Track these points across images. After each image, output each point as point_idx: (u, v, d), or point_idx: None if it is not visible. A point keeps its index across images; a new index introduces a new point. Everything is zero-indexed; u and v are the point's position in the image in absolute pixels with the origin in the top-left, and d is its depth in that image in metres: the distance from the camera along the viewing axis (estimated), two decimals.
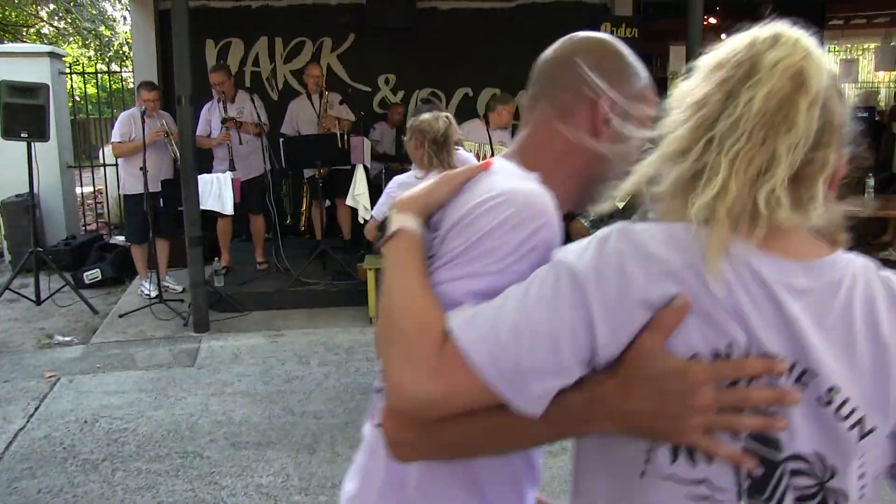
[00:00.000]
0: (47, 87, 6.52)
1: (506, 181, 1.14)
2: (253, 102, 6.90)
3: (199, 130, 6.87)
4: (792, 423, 0.93)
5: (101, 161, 9.71)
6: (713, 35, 11.62)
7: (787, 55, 0.94)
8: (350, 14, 8.56)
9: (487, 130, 6.68)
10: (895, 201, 7.23)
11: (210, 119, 6.86)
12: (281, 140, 6.81)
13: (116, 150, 6.51)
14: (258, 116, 6.73)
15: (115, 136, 6.50)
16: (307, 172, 7.19)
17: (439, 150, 3.61)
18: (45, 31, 19.10)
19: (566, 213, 1.14)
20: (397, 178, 3.89)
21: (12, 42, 15.83)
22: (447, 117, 3.68)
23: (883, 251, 8.07)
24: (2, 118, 6.27)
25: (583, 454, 1.09)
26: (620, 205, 4.20)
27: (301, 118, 7.27)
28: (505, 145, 6.78)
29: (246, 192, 6.77)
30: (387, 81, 8.79)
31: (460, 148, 4.43)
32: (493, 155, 6.58)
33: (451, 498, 1.21)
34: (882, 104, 12.73)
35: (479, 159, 6.63)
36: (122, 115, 6.60)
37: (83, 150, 11.80)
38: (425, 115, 3.69)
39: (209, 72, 7.33)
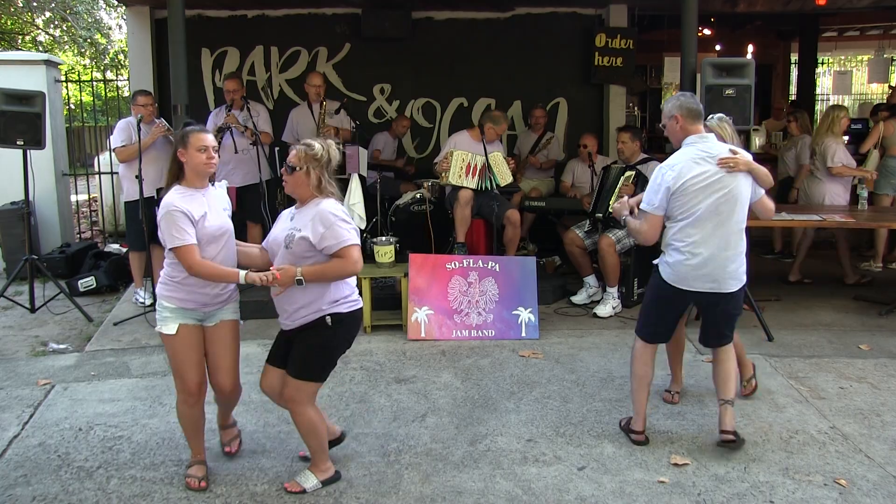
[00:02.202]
0: (43, 94, 6.53)
1: None
2: (258, 114, 6.94)
3: None
4: None
5: (97, 169, 9.72)
6: (707, 46, 11.73)
7: None
8: (345, 24, 8.60)
9: (483, 141, 6.70)
10: (883, 213, 7.27)
11: (217, 123, 6.91)
12: (276, 149, 6.83)
13: (121, 155, 6.51)
14: (254, 125, 6.75)
15: (117, 141, 6.51)
16: None
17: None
18: (40, 38, 19.09)
19: (563, 223, 1.16)
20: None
21: (8, 50, 15.84)
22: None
23: (865, 262, 8.12)
24: None
25: None
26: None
27: (301, 127, 7.30)
28: (499, 154, 6.78)
29: (242, 200, 6.78)
30: (382, 91, 8.82)
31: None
32: (486, 164, 6.61)
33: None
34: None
35: (469, 169, 6.67)
36: (121, 122, 6.62)
37: (78, 158, 11.79)
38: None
39: (224, 78, 7.44)
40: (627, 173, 6.38)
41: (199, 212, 3.48)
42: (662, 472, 3.71)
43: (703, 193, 3.73)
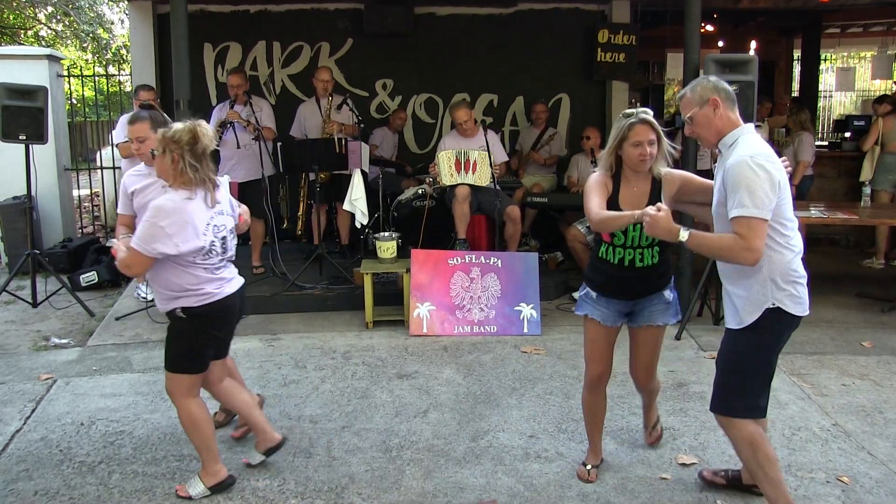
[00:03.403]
0: (45, 89, 6.53)
1: None
2: (261, 109, 6.93)
3: (210, 129, 6.93)
4: None
5: (98, 164, 9.72)
6: (710, 42, 11.70)
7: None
8: (348, 19, 8.59)
9: (485, 137, 6.70)
10: (885, 210, 7.26)
11: (220, 118, 6.91)
12: (279, 144, 6.83)
13: (125, 151, 6.50)
14: (256, 120, 6.75)
15: (120, 137, 6.51)
16: (310, 176, 7.20)
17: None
18: (42, 33, 19.10)
19: (565, 219, 1.16)
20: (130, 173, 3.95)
21: (10, 45, 15.84)
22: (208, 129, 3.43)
23: (867, 259, 8.12)
24: (0, 120, 6.28)
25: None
26: None
27: (309, 122, 7.31)
28: (484, 151, 6.71)
29: (244, 196, 6.78)
30: (384, 87, 8.81)
31: None
32: (493, 162, 6.60)
33: None
34: None
35: (458, 165, 6.65)
36: (123, 117, 6.61)
37: (80, 153, 11.79)
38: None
39: (228, 73, 7.46)
40: None
41: (137, 186, 3.92)
42: (664, 469, 3.71)
43: (789, 192, 3.00)
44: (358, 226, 6.92)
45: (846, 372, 5.01)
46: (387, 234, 6.35)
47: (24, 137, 6.35)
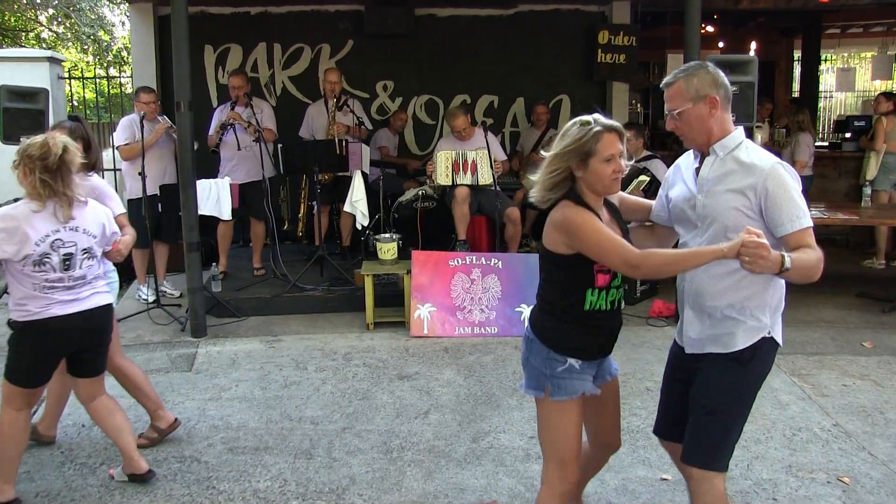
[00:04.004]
0: (47, 91, 6.53)
1: None
2: (262, 110, 6.94)
3: (211, 130, 6.95)
4: None
5: (99, 166, 9.72)
6: (710, 43, 11.70)
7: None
8: (348, 21, 8.60)
9: (485, 137, 6.70)
10: (885, 210, 7.25)
11: (221, 119, 6.92)
12: (279, 145, 6.84)
13: (125, 153, 6.52)
14: (256, 121, 6.75)
15: (120, 139, 6.52)
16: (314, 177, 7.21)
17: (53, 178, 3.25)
18: (44, 35, 19.11)
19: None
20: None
21: (12, 47, 15.86)
22: (64, 143, 3.28)
23: (867, 259, 8.12)
24: (1, 122, 6.29)
25: None
26: None
27: (316, 123, 7.33)
28: (484, 150, 6.70)
29: (245, 197, 6.79)
30: (385, 88, 8.82)
31: (92, 174, 4.03)
32: (485, 157, 6.60)
33: None
34: None
35: (457, 167, 6.65)
36: (124, 120, 6.63)
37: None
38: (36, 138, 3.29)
39: (229, 74, 7.48)
40: (641, 178, 6.25)
41: None
42: (665, 470, 3.71)
43: None
44: (359, 227, 6.93)
45: (847, 372, 5.01)
46: (387, 235, 6.35)
47: (26, 139, 6.36)
